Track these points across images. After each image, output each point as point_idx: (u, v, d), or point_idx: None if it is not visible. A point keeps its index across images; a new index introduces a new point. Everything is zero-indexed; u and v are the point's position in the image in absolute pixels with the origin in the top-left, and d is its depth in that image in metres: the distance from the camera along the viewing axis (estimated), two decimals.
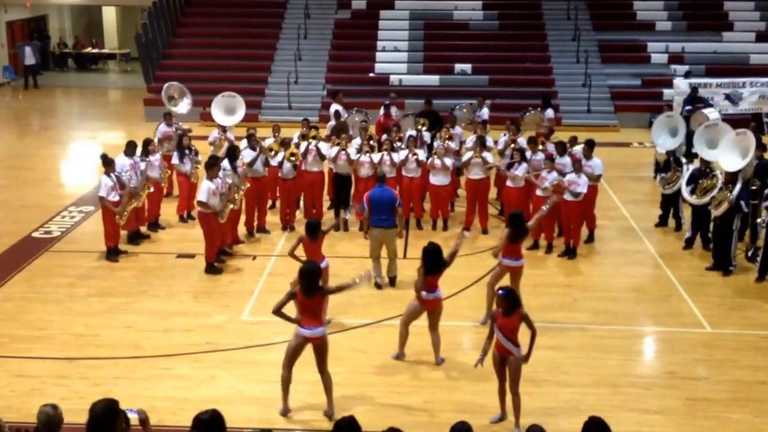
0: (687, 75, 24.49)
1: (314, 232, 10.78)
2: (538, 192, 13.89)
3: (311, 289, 8.66)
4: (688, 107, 20.65)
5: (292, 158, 14.74)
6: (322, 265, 10.45)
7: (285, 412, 9.05)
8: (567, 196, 13.66)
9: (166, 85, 19.25)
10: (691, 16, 28.56)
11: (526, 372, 8.77)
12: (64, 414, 6.27)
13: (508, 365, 8.64)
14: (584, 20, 28.71)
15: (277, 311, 8.67)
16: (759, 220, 13.33)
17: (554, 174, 13.78)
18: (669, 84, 24.81)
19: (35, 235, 14.90)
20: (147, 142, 14.99)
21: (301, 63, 27.18)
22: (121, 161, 14.03)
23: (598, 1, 29.50)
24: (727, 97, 23.58)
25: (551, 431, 6.81)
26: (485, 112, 18.74)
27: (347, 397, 9.32)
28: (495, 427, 8.87)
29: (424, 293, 9.95)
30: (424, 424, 8.86)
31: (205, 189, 12.85)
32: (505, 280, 11.00)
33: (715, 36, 27.85)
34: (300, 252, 10.89)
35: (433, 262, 9.81)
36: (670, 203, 15.30)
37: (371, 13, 29.33)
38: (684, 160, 15.24)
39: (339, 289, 9.09)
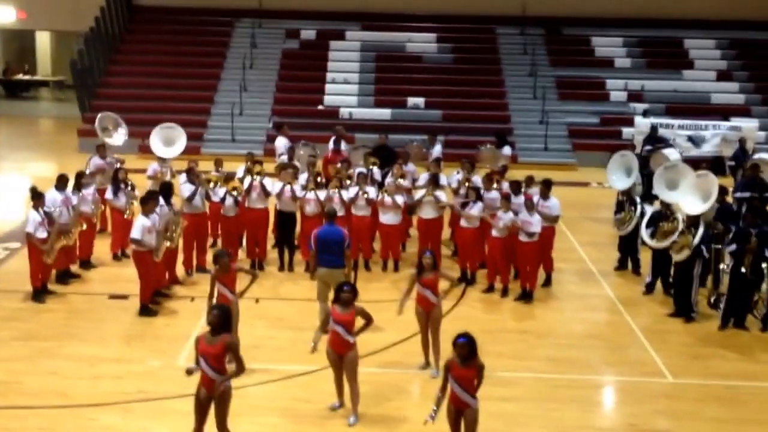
0: (645, 114, 24.44)
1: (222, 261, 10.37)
2: (494, 232, 13.43)
3: (216, 332, 8.20)
4: (647, 147, 20.53)
5: (234, 192, 14.18)
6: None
7: None
8: (522, 237, 13.20)
9: (99, 115, 18.65)
10: (651, 54, 28.77)
11: (481, 424, 8.31)
12: None
13: (464, 418, 8.24)
14: (541, 55, 28.70)
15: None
16: (722, 266, 13.05)
17: (510, 214, 13.34)
18: (628, 122, 24.85)
19: None
20: (80, 176, 14.41)
21: (246, 94, 26.70)
22: (52, 196, 13.39)
23: (556, 36, 29.49)
24: (690, 138, 23.67)
25: None
26: (438, 149, 18.26)
27: None
28: None
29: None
30: None
31: (139, 226, 12.27)
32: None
33: (676, 74, 28.02)
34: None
35: None
36: (629, 245, 14.98)
37: (321, 43, 29.11)
38: (638, 200, 15.00)
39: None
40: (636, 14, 29.34)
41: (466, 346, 8.07)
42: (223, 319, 8.24)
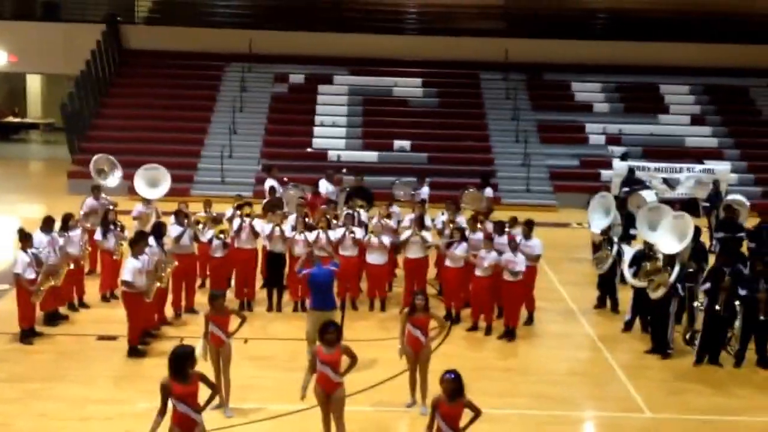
0: (624, 157, 24.83)
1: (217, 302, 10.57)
2: (478, 272, 13.66)
3: (181, 375, 8.25)
4: (625, 189, 20.87)
5: (221, 235, 14.34)
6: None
7: None
8: (506, 276, 13.44)
9: (95, 157, 18.68)
10: (628, 99, 29.31)
11: None
12: None
13: None
14: (523, 100, 29.16)
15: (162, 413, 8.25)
16: (696, 303, 13.28)
17: (493, 254, 13.58)
18: (607, 165, 25.23)
19: None
20: (67, 218, 14.42)
21: (236, 136, 26.96)
22: (39, 237, 13.43)
23: (537, 81, 30.01)
24: (665, 181, 24.05)
25: None
26: (425, 191, 18.58)
27: None
28: None
29: None
30: None
31: (130, 267, 12.34)
32: None
33: (652, 118, 28.53)
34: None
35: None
36: (607, 283, 15.22)
37: (309, 87, 29.45)
38: (615, 240, 15.22)
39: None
40: (613, 61, 29.92)
41: (453, 382, 8.19)
42: (189, 361, 8.37)
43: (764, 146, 27.90)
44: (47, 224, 13.81)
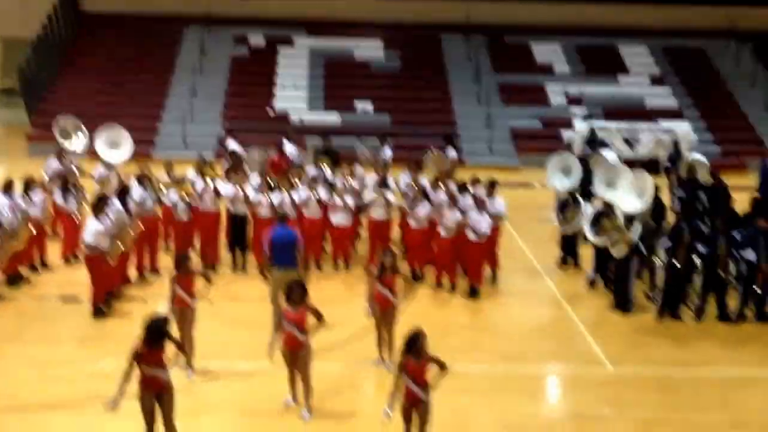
0: (586, 117, 24.96)
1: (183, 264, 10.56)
2: (441, 231, 13.71)
3: (154, 343, 8.34)
4: (586, 149, 20.99)
5: (185, 197, 14.22)
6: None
7: None
8: (469, 236, 13.52)
9: (60, 119, 18.26)
10: (588, 60, 29.42)
11: (434, 417, 8.51)
12: None
13: (417, 412, 8.45)
14: (484, 62, 29.18)
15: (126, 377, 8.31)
16: (657, 261, 13.43)
17: (457, 214, 13.64)
18: (568, 125, 25.30)
19: None
20: (28, 181, 14.30)
21: (196, 99, 26.67)
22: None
23: (498, 43, 30.01)
24: (626, 141, 24.24)
25: None
26: (388, 152, 18.55)
27: None
28: None
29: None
30: None
31: (92, 229, 12.27)
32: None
33: (612, 79, 28.68)
34: None
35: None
36: (570, 242, 15.38)
37: (269, 49, 29.13)
38: (581, 200, 15.33)
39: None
40: (573, 23, 29.95)
41: (418, 340, 8.32)
42: (165, 332, 8.44)
43: (723, 106, 28.24)
44: (8, 187, 13.68)
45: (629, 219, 13.36)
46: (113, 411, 8.33)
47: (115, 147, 16.69)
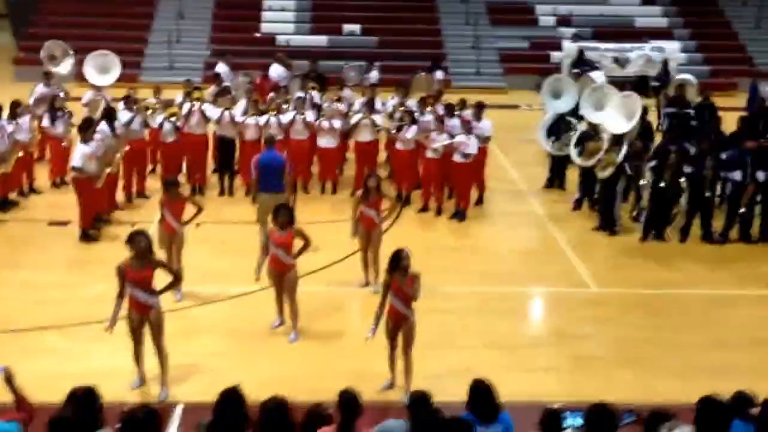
0: (575, 38, 24.72)
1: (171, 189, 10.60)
2: (429, 153, 13.74)
3: (142, 260, 8.37)
4: (575, 70, 20.87)
5: (173, 118, 14.17)
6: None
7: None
8: (457, 158, 13.55)
9: (47, 43, 17.98)
10: None
11: (418, 336, 8.63)
12: None
13: (401, 330, 8.55)
14: None
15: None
16: (642, 182, 13.48)
17: (444, 136, 13.65)
18: (557, 47, 25.04)
19: None
20: (15, 104, 14.16)
21: (183, 22, 26.20)
22: None
23: None
24: (615, 60, 24.07)
25: (442, 395, 6.67)
26: (375, 74, 18.41)
27: (229, 368, 8.91)
28: (386, 393, 8.71)
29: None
30: (312, 392, 8.55)
31: (79, 153, 12.27)
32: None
33: None
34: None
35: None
36: (559, 165, 15.42)
37: None
38: (575, 122, 15.30)
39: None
40: None
41: (402, 258, 8.37)
42: (150, 245, 8.48)
43: (713, 26, 27.94)
44: None
45: (616, 140, 13.35)
46: (110, 332, 8.48)
47: (104, 72, 16.52)
